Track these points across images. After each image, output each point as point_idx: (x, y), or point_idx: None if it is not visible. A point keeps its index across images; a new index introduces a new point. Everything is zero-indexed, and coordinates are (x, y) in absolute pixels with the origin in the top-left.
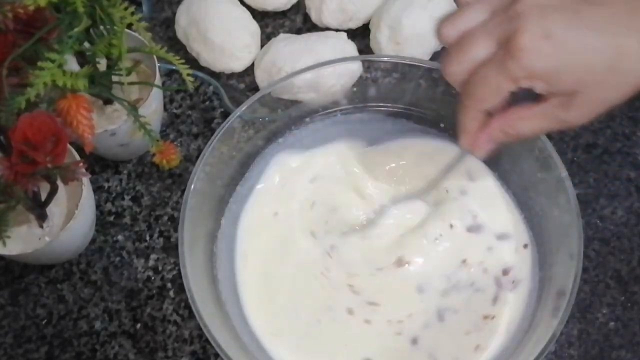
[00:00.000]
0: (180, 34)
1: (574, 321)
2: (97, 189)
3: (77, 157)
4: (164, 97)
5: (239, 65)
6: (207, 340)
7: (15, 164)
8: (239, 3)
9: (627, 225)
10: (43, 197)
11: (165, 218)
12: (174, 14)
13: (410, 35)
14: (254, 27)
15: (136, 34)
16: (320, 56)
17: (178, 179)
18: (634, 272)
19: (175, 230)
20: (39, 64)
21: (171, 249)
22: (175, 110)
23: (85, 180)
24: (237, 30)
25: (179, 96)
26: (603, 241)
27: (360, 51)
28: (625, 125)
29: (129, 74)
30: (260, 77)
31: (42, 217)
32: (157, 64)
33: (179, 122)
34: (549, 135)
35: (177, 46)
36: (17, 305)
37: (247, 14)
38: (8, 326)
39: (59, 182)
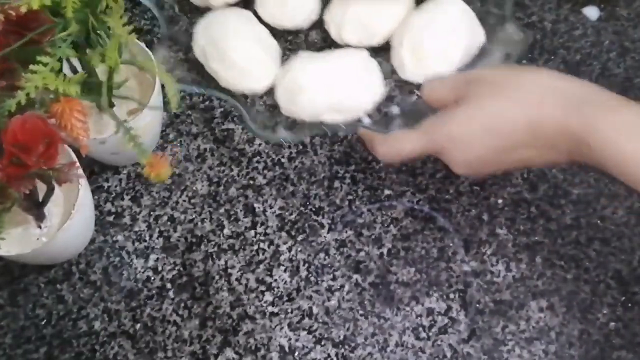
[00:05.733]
0: (198, 53)
1: (574, 321)
2: (96, 189)
3: (74, 158)
4: (164, 97)
5: (260, 86)
6: (206, 341)
7: (5, 167)
8: (257, 21)
9: (627, 225)
10: (41, 197)
11: (165, 218)
12: (191, 34)
13: (433, 51)
14: (274, 46)
15: (142, 45)
16: (341, 74)
17: (178, 179)
18: (635, 272)
19: (175, 230)
20: (31, 67)
21: (171, 249)
22: (174, 110)
23: (83, 181)
24: (258, 49)
25: (179, 95)
26: (603, 241)
27: (383, 68)
28: None
29: (118, 87)
30: (282, 97)
31: (39, 218)
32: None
33: (179, 122)
34: None
35: (196, 66)
36: (16, 306)
37: (267, 32)
38: (7, 326)
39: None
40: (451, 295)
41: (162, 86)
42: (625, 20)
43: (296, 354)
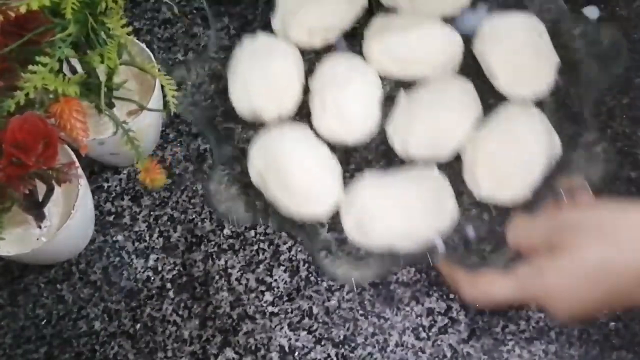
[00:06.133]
0: (254, 178)
1: (574, 321)
2: (96, 189)
3: (74, 158)
4: (164, 96)
5: (324, 211)
6: (206, 341)
7: (5, 167)
8: (315, 138)
9: None
10: (40, 197)
11: (165, 218)
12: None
13: (511, 169)
14: (335, 166)
15: (142, 45)
16: (413, 197)
17: (178, 179)
18: None
19: (175, 230)
20: (30, 67)
21: (171, 249)
22: (175, 110)
23: (82, 181)
24: (320, 171)
25: (180, 94)
26: None
27: (455, 188)
28: (625, 125)
29: (117, 88)
30: (350, 226)
31: (39, 218)
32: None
33: (179, 122)
34: None
35: (252, 191)
36: (17, 306)
37: (327, 150)
38: (7, 326)
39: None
40: (451, 295)
41: (162, 87)
42: (625, 20)
43: (296, 354)
